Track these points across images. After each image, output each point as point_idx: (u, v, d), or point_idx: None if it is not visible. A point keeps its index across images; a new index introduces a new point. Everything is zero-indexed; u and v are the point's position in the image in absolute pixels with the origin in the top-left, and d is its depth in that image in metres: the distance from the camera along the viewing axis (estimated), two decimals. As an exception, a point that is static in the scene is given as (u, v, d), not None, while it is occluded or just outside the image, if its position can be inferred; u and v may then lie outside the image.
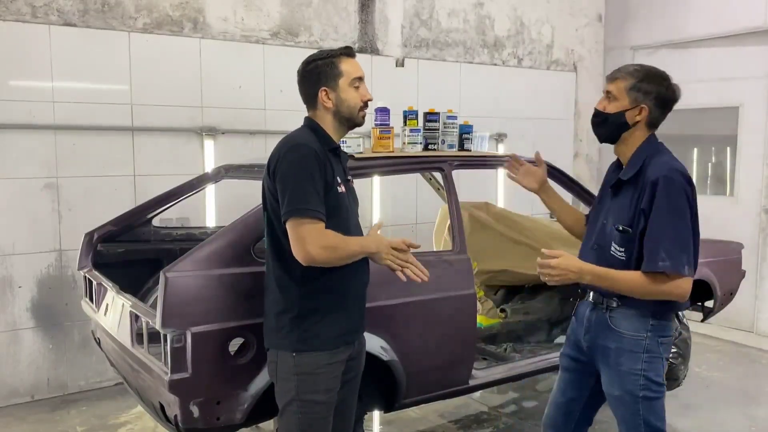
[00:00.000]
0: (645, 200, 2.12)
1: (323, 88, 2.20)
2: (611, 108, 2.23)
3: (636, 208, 2.15)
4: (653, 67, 2.27)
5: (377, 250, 2.15)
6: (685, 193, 2.11)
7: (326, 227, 2.10)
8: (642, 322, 2.20)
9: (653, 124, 2.25)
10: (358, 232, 2.30)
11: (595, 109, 2.29)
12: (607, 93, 2.26)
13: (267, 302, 2.25)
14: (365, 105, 2.27)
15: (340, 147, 2.30)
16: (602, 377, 2.31)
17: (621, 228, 2.18)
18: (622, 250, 2.19)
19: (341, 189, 2.20)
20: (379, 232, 2.26)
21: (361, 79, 2.25)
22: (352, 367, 2.32)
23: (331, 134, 2.26)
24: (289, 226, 2.06)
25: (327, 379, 2.18)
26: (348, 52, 2.25)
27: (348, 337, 2.25)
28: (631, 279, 2.13)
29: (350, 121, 2.27)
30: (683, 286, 2.10)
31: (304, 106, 2.31)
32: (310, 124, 2.26)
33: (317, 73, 2.21)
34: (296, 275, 2.14)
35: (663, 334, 2.23)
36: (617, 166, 2.35)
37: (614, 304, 2.25)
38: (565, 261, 2.11)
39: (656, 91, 2.19)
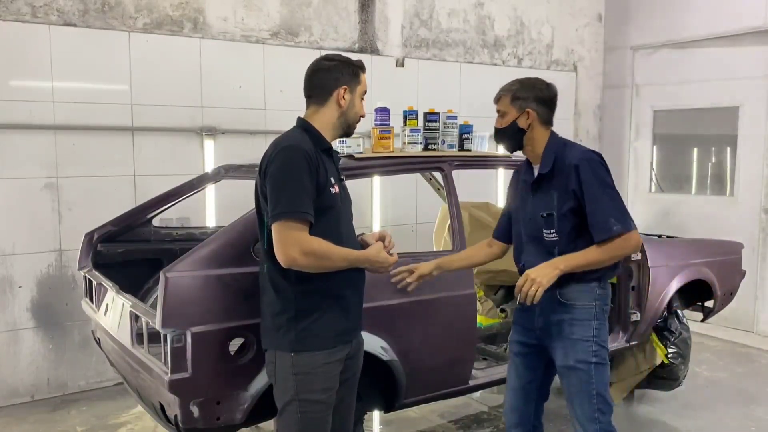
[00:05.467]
0: (573, 182, 2.36)
1: (345, 86, 2.25)
2: (504, 122, 2.52)
3: (560, 193, 2.39)
4: (525, 77, 2.58)
5: (370, 267, 2.24)
6: (606, 168, 2.40)
7: (319, 227, 2.12)
8: (589, 291, 2.43)
9: (546, 121, 2.50)
10: (350, 231, 2.32)
11: (494, 128, 2.58)
12: (498, 111, 2.54)
13: (263, 303, 2.26)
14: (359, 119, 2.35)
15: (332, 147, 2.31)
16: (556, 352, 2.48)
17: (545, 214, 2.43)
18: (552, 231, 2.42)
19: (334, 189, 2.20)
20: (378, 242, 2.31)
21: (364, 94, 2.34)
22: (350, 366, 2.32)
23: (327, 135, 2.27)
24: (274, 228, 2.08)
25: (325, 378, 2.19)
26: (363, 66, 2.35)
27: (345, 336, 2.26)
28: (593, 252, 2.34)
29: (348, 128, 2.32)
30: (635, 237, 2.36)
31: (303, 106, 2.31)
32: (303, 125, 2.27)
33: (340, 71, 2.26)
34: (291, 276, 2.14)
35: (606, 302, 2.48)
36: (528, 166, 2.58)
37: (557, 282, 2.42)
38: (534, 272, 2.31)
39: (533, 94, 2.47)
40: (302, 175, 2.08)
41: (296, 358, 2.16)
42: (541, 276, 2.28)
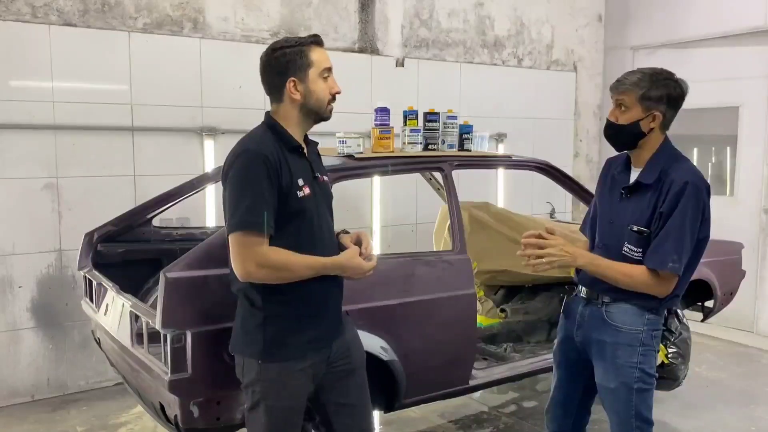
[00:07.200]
0: (667, 204, 2.16)
1: (291, 78, 2.07)
2: (624, 119, 2.24)
3: (655, 210, 2.19)
4: (655, 69, 2.27)
5: (342, 273, 2.13)
6: (703, 202, 2.21)
7: (289, 233, 2.04)
8: (639, 316, 2.27)
9: (667, 125, 2.28)
10: (326, 233, 2.19)
11: (608, 120, 2.30)
12: (619, 103, 2.25)
13: (237, 306, 2.18)
14: (333, 98, 2.15)
15: (302, 146, 2.14)
16: (596, 370, 2.35)
17: (635, 229, 2.22)
18: (639, 250, 2.22)
19: (303, 192, 2.07)
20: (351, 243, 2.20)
21: (330, 70, 2.13)
22: (338, 368, 2.24)
23: (295, 129, 2.13)
24: (230, 239, 1.99)
25: (294, 387, 2.12)
26: (317, 40, 2.13)
27: (317, 344, 2.16)
28: (623, 269, 2.21)
29: (317, 115, 2.14)
30: (670, 286, 2.21)
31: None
32: (268, 122, 2.13)
33: (285, 62, 2.07)
34: (258, 282, 2.06)
35: (656, 328, 2.30)
36: (626, 166, 2.36)
37: (608, 299, 2.30)
38: (562, 241, 2.19)
39: (666, 93, 2.21)
40: (260, 183, 1.96)
41: (263, 366, 2.08)
42: (561, 256, 2.13)
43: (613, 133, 2.29)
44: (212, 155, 4.66)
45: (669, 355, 4.01)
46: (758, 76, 5.77)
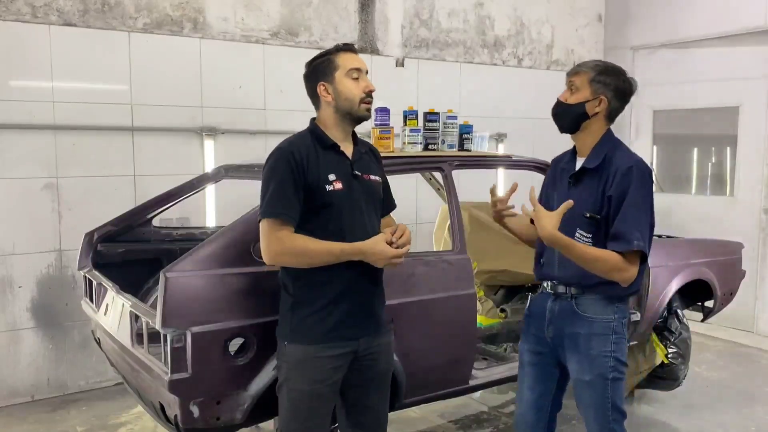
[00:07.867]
0: (614, 187, 2.22)
1: (321, 82, 2.24)
2: (573, 99, 2.35)
3: (603, 195, 2.25)
4: (611, 62, 2.42)
5: (366, 259, 2.16)
6: (651, 184, 2.27)
7: (317, 224, 2.17)
8: (608, 305, 2.33)
9: (611, 116, 2.37)
10: (359, 228, 2.23)
11: (557, 100, 2.41)
12: (571, 84, 2.37)
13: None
14: (368, 96, 2.26)
15: (338, 145, 2.25)
16: (571, 365, 2.38)
17: (589, 215, 2.27)
18: (590, 236, 2.27)
19: (334, 186, 2.18)
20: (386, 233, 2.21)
21: (359, 70, 2.25)
22: (361, 369, 2.29)
23: (334, 131, 2.27)
24: (260, 227, 2.17)
25: (314, 371, 2.20)
26: (346, 47, 2.30)
27: (341, 332, 2.21)
28: (596, 253, 2.21)
29: (351, 114, 2.25)
30: (636, 268, 2.22)
31: (303, 106, 2.36)
32: (310, 125, 2.31)
33: (315, 71, 2.27)
34: (289, 269, 2.21)
35: (625, 316, 2.37)
36: (572, 156, 2.45)
37: (575, 291, 2.35)
38: (549, 218, 2.18)
39: (614, 83, 2.31)
40: (284, 176, 2.13)
41: (288, 348, 2.22)
42: (551, 234, 2.14)
43: (560, 111, 2.40)
44: (212, 155, 4.67)
45: (669, 355, 4.02)
46: (758, 76, 5.77)
